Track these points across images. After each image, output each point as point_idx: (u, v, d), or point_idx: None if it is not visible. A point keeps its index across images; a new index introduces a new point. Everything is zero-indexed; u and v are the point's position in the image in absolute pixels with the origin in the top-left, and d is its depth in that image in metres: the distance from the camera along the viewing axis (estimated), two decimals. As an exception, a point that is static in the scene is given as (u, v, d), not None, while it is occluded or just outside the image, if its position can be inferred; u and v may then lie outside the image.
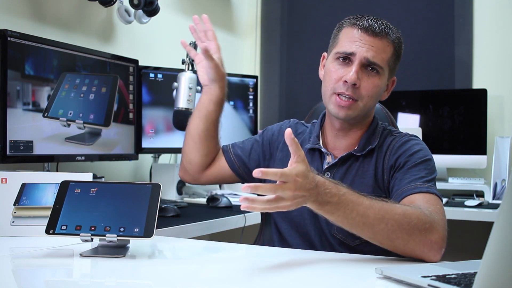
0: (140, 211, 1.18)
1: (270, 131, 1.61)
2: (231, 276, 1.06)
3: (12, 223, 1.42)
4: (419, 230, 1.14)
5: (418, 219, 1.15)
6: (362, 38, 1.38)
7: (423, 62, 3.08)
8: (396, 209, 1.16)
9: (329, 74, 1.42)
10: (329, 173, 1.43)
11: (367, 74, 1.39)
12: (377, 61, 1.38)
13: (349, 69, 1.37)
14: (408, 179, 1.31)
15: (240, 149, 1.62)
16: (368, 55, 1.37)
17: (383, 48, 1.39)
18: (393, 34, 1.43)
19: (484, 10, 2.92)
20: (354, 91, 1.37)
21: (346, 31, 1.43)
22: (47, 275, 1.10)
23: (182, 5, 2.87)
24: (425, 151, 1.40)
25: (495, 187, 2.61)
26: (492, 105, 2.81)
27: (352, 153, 1.43)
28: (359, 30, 1.39)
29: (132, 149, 2.25)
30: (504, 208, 0.68)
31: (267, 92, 3.41)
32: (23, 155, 1.76)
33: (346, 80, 1.36)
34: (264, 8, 3.45)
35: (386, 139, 1.45)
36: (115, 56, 2.17)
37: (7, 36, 1.70)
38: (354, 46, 1.38)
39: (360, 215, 1.13)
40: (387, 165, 1.40)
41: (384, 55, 1.40)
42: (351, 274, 1.05)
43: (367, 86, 1.38)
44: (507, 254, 0.68)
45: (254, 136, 1.66)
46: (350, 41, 1.39)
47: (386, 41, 1.40)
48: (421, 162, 1.36)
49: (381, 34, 1.39)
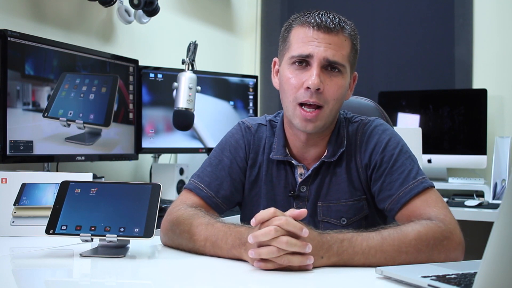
0: (140, 211, 1.17)
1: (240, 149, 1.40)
2: (231, 276, 1.06)
3: (12, 223, 1.42)
4: (438, 250, 1.10)
5: (434, 239, 1.10)
6: (316, 36, 1.25)
7: (423, 62, 3.08)
8: (409, 234, 1.10)
9: (287, 82, 1.28)
10: (305, 186, 1.34)
11: (329, 76, 1.26)
12: (338, 60, 1.25)
13: (309, 73, 1.25)
14: (397, 181, 1.25)
15: (224, 192, 1.36)
16: (328, 55, 1.24)
17: (341, 44, 1.26)
18: (348, 27, 1.29)
19: (484, 10, 2.92)
20: (319, 96, 1.25)
21: (297, 31, 1.29)
22: (47, 275, 1.10)
23: (182, 5, 2.87)
24: (394, 137, 1.32)
25: (495, 187, 2.61)
26: (492, 105, 2.81)
27: (324, 161, 1.33)
28: (312, 28, 1.26)
29: (132, 149, 2.25)
30: (504, 208, 0.68)
31: (267, 92, 3.41)
32: (23, 155, 1.76)
33: (308, 86, 1.24)
34: (264, 8, 3.45)
35: (350, 132, 1.35)
36: (115, 56, 2.18)
37: (7, 36, 1.70)
38: (310, 47, 1.25)
39: (379, 251, 1.07)
40: (361, 163, 1.32)
41: (344, 52, 1.27)
42: (351, 274, 1.05)
43: (331, 89, 1.26)
44: (507, 254, 0.68)
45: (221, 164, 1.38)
46: (304, 41, 1.26)
47: (343, 36, 1.27)
48: (399, 153, 1.28)
49: (336, 29, 1.26)
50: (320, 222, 1.33)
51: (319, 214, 1.34)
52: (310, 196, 1.34)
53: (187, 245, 1.19)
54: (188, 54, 2.13)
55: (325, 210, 1.34)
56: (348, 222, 1.33)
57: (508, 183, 0.67)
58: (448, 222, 1.16)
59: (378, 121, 1.37)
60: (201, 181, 1.36)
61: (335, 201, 1.34)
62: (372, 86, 3.10)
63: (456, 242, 1.13)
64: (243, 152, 1.39)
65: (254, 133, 1.41)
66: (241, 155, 1.39)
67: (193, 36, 2.43)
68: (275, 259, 1.02)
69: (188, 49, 2.15)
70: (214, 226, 1.16)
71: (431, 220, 1.15)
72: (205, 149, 2.51)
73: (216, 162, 1.38)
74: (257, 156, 1.40)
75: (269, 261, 1.03)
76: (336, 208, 1.33)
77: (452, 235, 1.13)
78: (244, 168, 1.39)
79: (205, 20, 3.04)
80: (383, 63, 3.10)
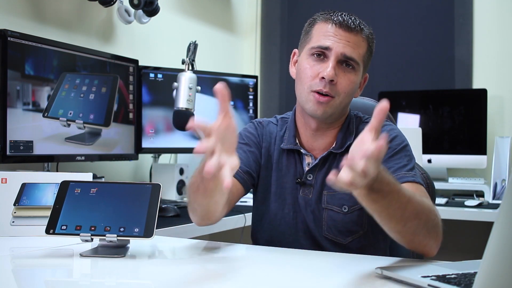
0: (140, 211, 1.18)
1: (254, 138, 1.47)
2: (231, 276, 1.06)
3: (12, 223, 1.42)
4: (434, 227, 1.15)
5: (436, 216, 1.16)
6: (337, 33, 1.35)
7: (423, 62, 3.08)
8: (425, 204, 1.15)
9: (304, 71, 1.37)
10: (311, 174, 1.41)
11: (343, 70, 1.35)
12: (354, 56, 1.35)
13: (326, 65, 1.34)
14: (393, 168, 1.30)
15: (243, 164, 1.41)
16: (345, 51, 1.34)
17: (358, 44, 1.36)
18: (367, 30, 1.39)
19: (484, 10, 2.92)
20: (332, 87, 1.34)
21: (319, 26, 1.38)
22: (47, 275, 1.10)
23: (182, 5, 2.87)
24: (401, 136, 1.39)
25: (495, 187, 2.61)
26: (492, 105, 2.80)
27: (332, 151, 1.40)
28: (334, 25, 1.35)
29: (132, 149, 2.25)
30: (504, 208, 0.68)
31: (267, 92, 3.41)
32: (23, 155, 1.76)
33: (324, 76, 1.33)
34: (264, 8, 3.45)
35: (359, 129, 1.41)
36: (115, 56, 2.18)
37: (7, 36, 1.70)
38: (329, 41, 1.34)
39: (401, 208, 1.09)
40: None
41: (360, 51, 1.37)
42: (351, 274, 1.05)
43: (344, 82, 1.35)
44: (507, 254, 0.68)
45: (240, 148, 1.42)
46: (325, 35, 1.35)
47: (361, 37, 1.37)
48: (401, 149, 1.35)
49: (356, 30, 1.35)
50: (324, 210, 1.39)
51: (323, 202, 1.40)
52: (316, 184, 1.41)
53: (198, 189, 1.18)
54: (188, 54, 2.13)
55: (329, 198, 1.40)
56: (349, 210, 1.38)
57: (508, 183, 0.67)
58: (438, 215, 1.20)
59: (389, 122, 1.45)
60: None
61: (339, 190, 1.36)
62: (372, 86, 3.08)
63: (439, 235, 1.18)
64: (257, 141, 1.48)
65: (265, 127, 1.50)
66: (256, 142, 1.47)
67: (193, 36, 2.43)
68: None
69: (188, 49, 2.14)
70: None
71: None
72: (205, 149, 2.51)
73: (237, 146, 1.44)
74: (269, 146, 1.48)
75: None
76: (340, 196, 1.38)
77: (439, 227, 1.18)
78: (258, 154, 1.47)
79: (205, 20, 3.04)
80: (383, 63, 3.10)
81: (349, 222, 1.37)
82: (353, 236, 1.38)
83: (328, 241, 1.39)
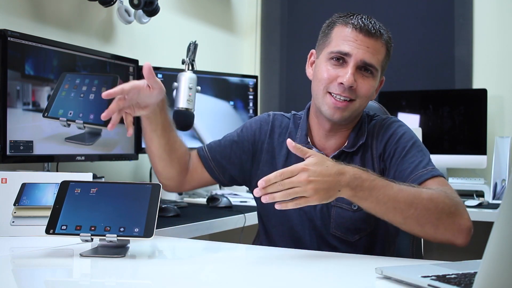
0: (140, 211, 1.17)
1: (250, 129, 1.52)
2: (231, 276, 1.06)
3: (12, 223, 1.42)
4: (446, 214, 1.16)
5: (444, 203, 1.17)
6: (357, 38, 1.34)
7: (423, 62, 3.08)
8: (423, 193, 1.17)
9: (321, 73, 1.38)
10: None
11: (361, 76, 1.36)
12: (373, 63, 1.35)
13: (345, 71, 1.34)
14: (408, 169, 1.31)
15: (219, 154, 1.52)
16: (365, 57, 1.34)
17: (378, 49, 1.36)
18: (386, 34, 1.40)
19: (484, 10, 2.92)
20: (351, 92, 1.35)
21: (339, 29, 1.38)
22: (47, 275, 1.10)
23: (182, 5, 2.87)
24: (409, 132, 1.40)
25: (495, 187, 2.61)
26: (492, 105, 2.80)
27: (344, 150, 1.41)
28: (354, 29, 1.35)
29: (132, 149, 2.25)
30: (504, 208, 0.68)
31: (267, 92, 3.41)
32: (23, 155, 1.76)
33: (342, 82, 1.33)
34: (264, 8, 3.45)
35: (369, 127, 1.44)
36: (115, 56, 2.17)
37: (7, 36, 1.70)
38: (349, 47, 1.34)
39: (392, 199, 1.14)
40: (376, 153, 1.39)
41: (380, 56, 1.37)
42: (351, 274, 1.05)
43: (363, 87, 1.35)
44: (507, 254, 0.68)
45: (231, 134, 1.54)
46: (345, 40, 1.35)
47: (380, 42, 1.37)
48: (411, 146, 1.35)
49: (376, 35, 1.36)
50: (333, 207, 1.40)
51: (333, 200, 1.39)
52: None
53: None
54: (188, 54, 2.13)
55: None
56: (359, 207, 1.36)
57: (508, 183, 0.67)
58: (458, 200, 1.21)
59: (396, 119, 1.47)
60: (208, 144, 1.54)
61: None
62: (372, 86, 3.09)
63: (465, 217, 1.19)
64: (251, 135, 1.51)
65: (272, 120, 1.52)
66: (249, 136, 1.51)
67: (193, 36, 2.42)
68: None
69: (188, 49, 2.14)
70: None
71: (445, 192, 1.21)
72: (205, 149, 2.51)
73: (228, 134, 1.54)
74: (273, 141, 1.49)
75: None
76: None
77: (461, 209, 1.19)
78: (247, 148, 1.50)
79: (205, 20, 3.04)
80: (383, 63, 3.10)
81: (358, 220, 1.38)
82: (361, 234, 1.38)
83: (335, 239, 1.39)
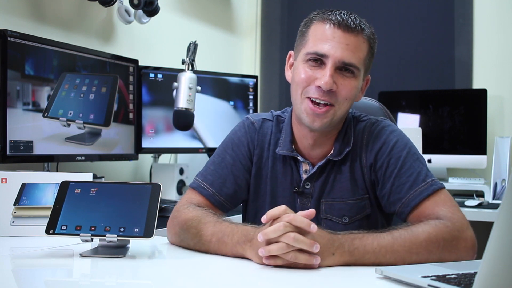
0: (140, 211, 1.17)
1: (242, 145, 1.39)
2: (231, 276, 1.06)
3: (12, 223, 1.42)
4: (448, 250, 1.11)
5: (444, 240, 1.11)
6: (335, 35, 1.23)
7: (423, 62, 3.08)
8: (419, 235, 1.10)
9: (299, 76, 1.27)
10: (309, 183, 1.34)
11: (342, 76, 1.25)
12: (354, 62, 1.24)
13: (322, 73, 1.23)
14: (406, 184, 1.24)
15: (227, 190, 1.35)
16: (344, 56, 1.22)
17: (358, 46, 1.24)
18: (368, 30, 1.27)
19: (484, 10, 2.92)
20: (330, 95, 1.24)
21: (316, 27, 1.27)
22: (47, 275, 1.10)
23: (182, 5, 2.87)
24: (402, 139, 1.30)
25: (495, 187, 2.61)
26: (492, 105, 2.80)
27: (330, 159, 1.33)
28: (332, 26, 1.23)
29: (132, 149, 2.25)
30: (504, 208, 0.68)
31: (267, 92, 3.41)
32: (23, 155, 1.76)
33: (320, 85, 1.23)
34: (264, 8, 3.45)
35: (356, 131, 1.34)
36: (115, 56, 2.18)
37: (7, 36, 1.70)
38: (327, 46, 1.23)
39: (389, 251, 1.08)
40: (366, 163, 1.31)
41: (361, 54, 1.25)
42: (351, 274, 1.05)
43: (344, 89, 1.24)
44: (507, 254, 0.68)
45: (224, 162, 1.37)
46: (322, 39, 1.24)
47: (362, 38, 1.25)
48: (406, 157, 1.27)
49: (356, 30, 1.23)
50: (323, 220, 1.34)
51: (321, 212, 1.34)
52: (314, 193, 1.34)
53: (193, 240, 1.21)
54: (188, 54, 2.13)
55: (327, 207, 1.34)
56: (350, 220, 1.33)
57: (508, 183, 0.67)
58: (456, 221, 1.16)
59: (386, 122, 1.36)
60: (204, 179, 1.36)
61: (338, 199, 1.34)
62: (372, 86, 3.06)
63: (466, 241, 1.14)
64: (245, 150, 1.39)
65: (258, 129, 1.41)
66: (244, 152, 1.39)
67: (193, 36, 2.43)
68: (283, 255, 1.03)
69: (188, 49, 2.15)
70: (222, 223, 1.18)
71: (439, 220, 1.15)
72: (205, 149, 2.51)
73: (219, 160, 1.38)
74: (262, 152, 1.40)
75: (278, 257, 1.04)
76: (339, 206, 1.33)
77: (461, 234, 1.14)
78: (247, 166, 1.39)
79: (205, 20, 3.04)
80: (383, 63, 3.09)
81: None
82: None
83: None
